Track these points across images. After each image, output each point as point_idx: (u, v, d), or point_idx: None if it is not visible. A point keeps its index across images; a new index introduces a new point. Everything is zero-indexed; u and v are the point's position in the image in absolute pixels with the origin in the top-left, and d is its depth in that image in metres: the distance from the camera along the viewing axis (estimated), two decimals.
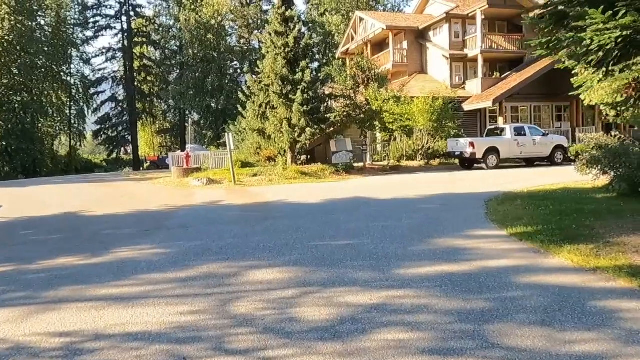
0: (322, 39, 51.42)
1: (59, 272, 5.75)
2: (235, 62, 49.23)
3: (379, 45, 33.28)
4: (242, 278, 5.11)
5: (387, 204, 10.57)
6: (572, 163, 22.57)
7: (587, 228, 6.50)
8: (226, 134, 17.25)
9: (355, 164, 21.29)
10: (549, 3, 5.18)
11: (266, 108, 19.97)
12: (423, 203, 10.45)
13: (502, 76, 28.05)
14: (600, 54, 4.64)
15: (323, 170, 19.26)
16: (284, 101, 19.09)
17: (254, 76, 20.33)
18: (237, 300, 4.38)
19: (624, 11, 3.82)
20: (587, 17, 3.97)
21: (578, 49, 4.61)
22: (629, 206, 8.02)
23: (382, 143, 24.51)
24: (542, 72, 26.02)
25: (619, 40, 4.04)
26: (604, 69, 5.77)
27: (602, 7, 3.83)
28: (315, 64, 43.61)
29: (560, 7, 5.05)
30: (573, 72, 13.72)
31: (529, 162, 21.75)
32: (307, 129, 18.74)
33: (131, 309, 4.27)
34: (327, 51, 50.39)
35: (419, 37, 30.81)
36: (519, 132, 20.52)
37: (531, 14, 28.18)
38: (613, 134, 11.97)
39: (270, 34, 20.07)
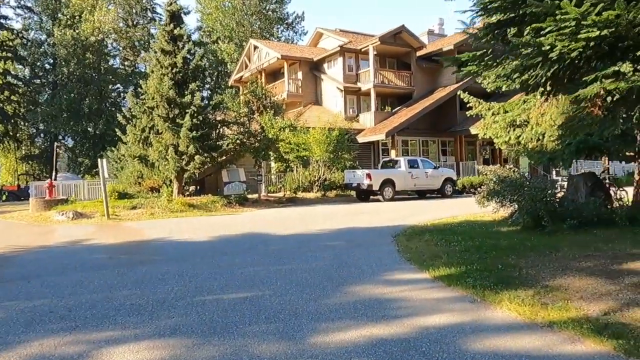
0: (215, 66, 49.90)
1: None
2: (118, 85, 45.56)
3: (274, 74, 32.71)
4: None
5: (288, 241, 9.34)
6: (460, 195, 23.52)
7: (514, 268, 5.85)
8: (99, 160, 14.92)
9: (250, 196, 19.91)
10: (488, 7, 4.49)
11: (149, 133, 17.93)
12: (328, 239, 9.40)
13: (393, 110, 28.84)
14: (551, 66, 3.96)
15: (214, 202, 17.58)
16: (171, 126, 17.26)
17: (136, 98, 18.19)
18: None
19: (602, 4, 3.17)
20: (557, 14, 3.25)
21: (527, 60, 3.89)
22: (540, 241, 7.68)
23: (278, 174, 23.48)
24: (429, 109, 27.17)
25: (591, 45, 3.39)
26: (541, 89, 5.20)
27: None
28: (207, 93, 41.68)
29: (500, 15, 4.35)
30: (468, 104, 14.00)
31: (421, 194, 22.10)
32: (197, 157, 17.04)
33: None
34: (220, 79, 48.87)
35: (314, 68, 30.77)
36: (413, 164, 20.77)
37: (419, 53, 29.64)
38: (508, 166, 12.11)
39: (156, 52, 18.26)
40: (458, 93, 14.22)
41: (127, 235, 10.97)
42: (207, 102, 19.20)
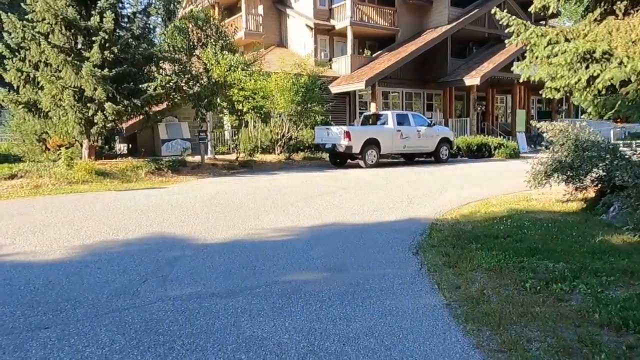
0: (164, 5, 43.21)
1: None
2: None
3: (230, 9, 27.09)
4: None
5: (215, 266, 4.80)
6: (456, 160, 19.41)
7: None
8: None
9: (194, 158, 15.16)
10: None
11: (45, 70, 12.68)
12: (293, 263, 4.88)
13: (374, 55, 24.07)
14: None
15: (136, 168, 12.74)
16: (70, 60, 12.09)
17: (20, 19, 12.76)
18: None
19: None
20: None
21: None
22: None
23: (232, 130, 18.64)
24: (416, 54, 22.54)
25: None
26: None
27: None
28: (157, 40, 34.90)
29: None
30: (507, 30, 9.49)
31: (408, 158, 17.84)
32: (107, 105, 12.02)
33: None
34: (173, 19, 42.31)
35: (278, 2, 25.41)
36: (402, 120, 16.31)
37: None
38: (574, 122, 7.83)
39: None
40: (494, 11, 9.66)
41: None
42: (130, 28, 13.95)
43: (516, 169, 14.32)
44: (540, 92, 9.27)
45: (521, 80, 9.30)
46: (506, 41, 9.08)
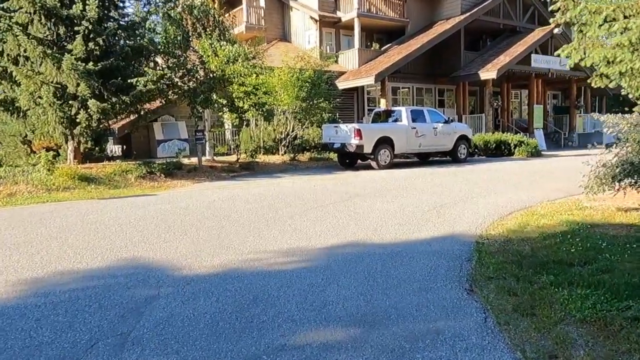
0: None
1: None
2: None
3: (230, 2, 25.81)
4: None
5: (201, 315, 3.52)
6: (473, 159, 18.09)
7: None
8: None
9: (191, 160, 13.92)
10: None
11: (25, 65, 11.46)
12: (305, 314, 3.58)
13: (382, 49, 22.72)
14: None
15: (125, 172, 11.51)
16: (51, 52, 10.85)
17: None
18: None
19: None
20: None
21: None
22: None
23: (232, 129, 17.37)
24: (428, 46, 21.16)
25: None
26: None
27: None
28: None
29: None
30: (551, 7, 8.15)
31: (423, 158, 16.50)
32: (91, 102, 10.76)
33: None
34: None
35: None
36: (417, 117, 14.97)
37: None
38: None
39: None
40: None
41: None
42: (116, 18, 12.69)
43: (547, 170, 13.00)
44: (590, 82, 7.95)
45: (567, 67, 7.99)
46: (551, 20, 7.75)
